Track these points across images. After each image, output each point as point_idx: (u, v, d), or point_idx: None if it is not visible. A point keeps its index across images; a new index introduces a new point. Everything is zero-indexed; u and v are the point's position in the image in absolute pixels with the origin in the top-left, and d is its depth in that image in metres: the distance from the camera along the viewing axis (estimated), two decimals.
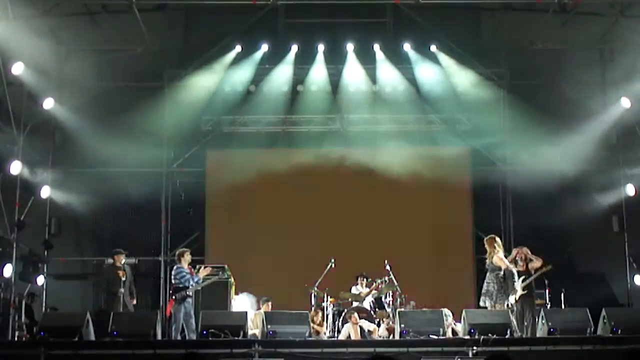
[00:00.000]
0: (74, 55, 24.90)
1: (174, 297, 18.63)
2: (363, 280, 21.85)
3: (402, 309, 19.98)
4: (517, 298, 18.41)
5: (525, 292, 18.57)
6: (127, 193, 24.34)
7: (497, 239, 19.03)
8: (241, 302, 21.56)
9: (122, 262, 20.31)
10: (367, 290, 21.65)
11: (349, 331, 19.67)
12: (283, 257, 23.20)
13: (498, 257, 18.50)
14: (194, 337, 18.06)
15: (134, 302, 20.27)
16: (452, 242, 25.50)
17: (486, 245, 18.94)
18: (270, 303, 20.95)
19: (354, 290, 21.80)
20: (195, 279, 18.86)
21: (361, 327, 19.89)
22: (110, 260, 21.03)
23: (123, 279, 19.88)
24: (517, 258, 19.04)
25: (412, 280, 22.79)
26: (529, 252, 19.21)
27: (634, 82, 24.08)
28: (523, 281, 18.56)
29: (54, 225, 24.64)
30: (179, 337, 18.27)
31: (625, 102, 24.29)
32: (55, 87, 24.63)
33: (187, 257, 19.20)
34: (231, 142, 26.01)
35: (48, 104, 23.94)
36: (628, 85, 24.31)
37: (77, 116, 24.43)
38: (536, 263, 18.99)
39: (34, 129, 23.88)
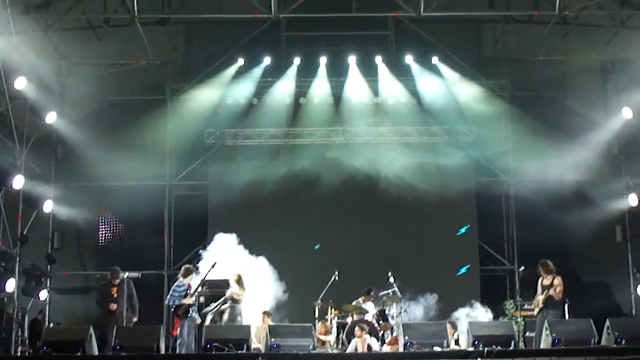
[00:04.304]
0: (76, 70, 24.98)
1: (177, 314, 18.58)
2: (368, 295, 21.79)
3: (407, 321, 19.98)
4: (539, 310, 18.53)
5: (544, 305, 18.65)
6: (131, 206, 24.29)
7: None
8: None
9: (118, 280, 20.11)
10: (370, 303, 21.64)
11: (356, 345, 19.62)
12: (287, 269, 23.15)
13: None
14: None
15: (135, 319, 20.05)
16: (456, 253, 25.46)
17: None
18: (270, 316, 20.95)
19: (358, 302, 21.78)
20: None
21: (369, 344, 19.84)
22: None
23: (115, 295, 19.79)
24: (542, 273, 19.03)
25: (417, 292, 22.80)
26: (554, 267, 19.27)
27: (635, 93, 24.08)
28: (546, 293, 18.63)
29: (56, 240, 24.72)
30: (183, 352, 18.22)
31: (627, 113, 24.29)
32: (58, 101, 24.76)
33: (192, 277, 19.18)
34: (234, 155, 26.04)
35: (50, 118, 23.97)
36: (629, 96, 24.32)
37: (80, 130, 24.51)
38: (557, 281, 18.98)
39: (37, 143, 23.93)
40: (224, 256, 21.55)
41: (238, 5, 23.02)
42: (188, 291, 18.75)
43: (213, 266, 19.27)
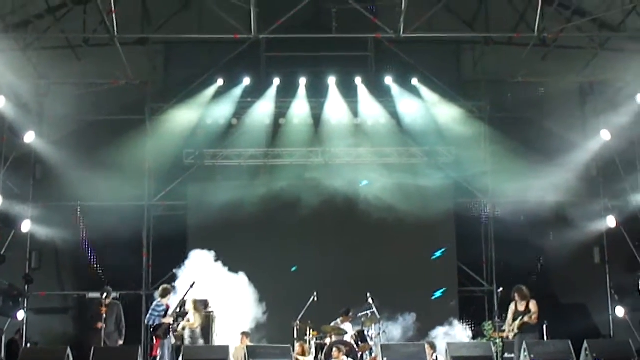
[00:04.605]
0: (55, 89, 24.91)
1: (157, 334, 18.53)
2: (346, 316, 21.78)
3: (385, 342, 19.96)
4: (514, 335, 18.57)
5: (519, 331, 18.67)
6: (109, 227, 24.18)
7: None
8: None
9: (109, 301, 20.04)
10: (348, 324, 21.63)
11: None
12: (266, 290, 23.11)
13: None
14: None
15: (121, 342, 19.92)
16: (435, 274, 25.46)
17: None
18: (249, 337, 20.91)
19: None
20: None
21: None
22: (95, 295, 20.99)
23: (104, 315, 19.71)
24: (516, 298, 19.05)
25: (395, 312, 22.83)
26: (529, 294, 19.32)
27: (613, 115, 24.21)
28: (521, 319, 18.65)
29: (34, 259, 24.61)
30: None
31: (605, 135, 24.42)
32: (36, 120, 24.67)
33: (170, 297, 19.20)
34: (213, 176, 25.96)
35: (29, 137, 23.89)
36: (608, 118, 24.46)
37: (58, 150, 24.42)
38: (533, 306, 19.01)
39: (15, 163, 23.85)
40: (201, 273, 21.61)
41: (218, 26, 22.99)
42: (167, 311, 18.75)
43: (192, 286, 19.27)
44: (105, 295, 19.70)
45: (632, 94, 23.70)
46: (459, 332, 22.75)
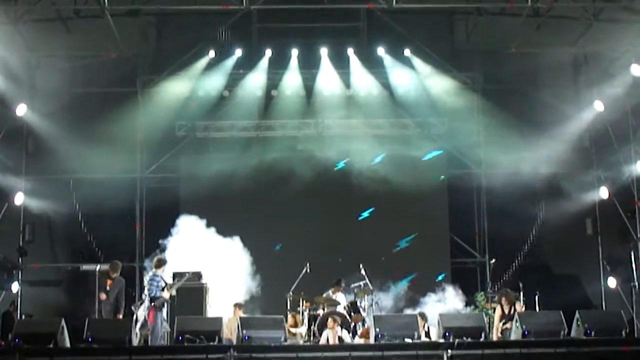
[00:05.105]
0: (46, 62, 24.85)
1: (154, 305, 18.58)
2: (337, 286, 21.80)
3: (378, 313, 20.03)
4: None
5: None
6: (102, 199, 24.17)
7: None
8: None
9: (115, 275, 20.10)
10: (340, 294, 21.67)
11: (327, 336, 19.63)
12: (257, 262, 23.13)
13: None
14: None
15: (120, 316, 20.01)
16: (428, 245, 25.47)
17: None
18: (242, 308, 20.94)
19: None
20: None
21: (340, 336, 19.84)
22: (89, 267, 21.07)
23: (108, 288, 19.80)
24: (502, 302, 19.05)
25: (388, 284, 22.89)
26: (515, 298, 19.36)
27: (607, 86, 24.19)
28: (504, 324, 18.67)
29: (28, 232, 24.60)
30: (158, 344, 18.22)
31: (599, 106, 24.40)
32: (28, 93, 24.58)
33: (164, 267, 19.25)
34: (205, 148, 25.93)
35: (21, 110, 23.85)
36: (601, 89, 24.43)
37: (50, 123, 24.39)
38: (519, 308, 19.08)
39: (7, 136, 23.83)
40: (192, 240, 21.75)
41: None
42: (165, 285, 18.87)
43: (186, 278, 19.50)
44: (112, 268, 19.81)
45: (626, 64, 23.65)
46: (451, 296, 22.77)
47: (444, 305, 22.08)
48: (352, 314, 20.91)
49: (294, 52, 25.65)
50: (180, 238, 22.68)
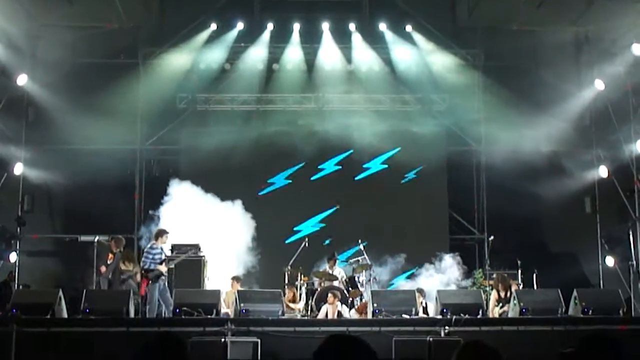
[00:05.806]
0: (47, 32, 24.72)
1: (147, 277, 18.65)
2: (332, 261, 21.81)
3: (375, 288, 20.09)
4: None
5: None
6: (101, 170, 24.15)
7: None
8: None
9: (116, 250, 20.20)
10: (337, 268, 21.71)
11: (326, 311, 19.68)
12: (257, 235, 23.18)
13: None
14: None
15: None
16: (427, 222, 25.48)
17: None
18: (240, 282, 21.00)
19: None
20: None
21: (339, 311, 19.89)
22: (88, 238, 21.16)
23: (108, 262, 19.91)
24: (499, 287, 19.09)
25: (386, 259, 22.94)
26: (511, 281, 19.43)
27: (608, 65, 24.18)
28: (501, 307, 18.72)
29: (27, 202, 24.60)
30: (154, 316, 18.29)
31: (599, 84, 24.40)
32: (29, 63, 24.51)
33: (165, 239, 19.31)
34: (206, 120, 25.90)
35: (21, 80, 23.83)
36: (602, 68, 24.42)
37: (51, 93, 24.33)
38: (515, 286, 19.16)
39: (7, 105, 23.79)
40: (188, 207, 21.86)
41: None
42: (162, 257, 18.94)
43: (187, 255, 19.67)
44: (115, 243, 19.90)
45: (627, 44, 23.66)
46: (449, 262, 22.72)
47: (442, 275, 22.10)
48: (350, 289, 20.96)
49: (296, 26, 25.59)
50: (173, 206, 22.76)
